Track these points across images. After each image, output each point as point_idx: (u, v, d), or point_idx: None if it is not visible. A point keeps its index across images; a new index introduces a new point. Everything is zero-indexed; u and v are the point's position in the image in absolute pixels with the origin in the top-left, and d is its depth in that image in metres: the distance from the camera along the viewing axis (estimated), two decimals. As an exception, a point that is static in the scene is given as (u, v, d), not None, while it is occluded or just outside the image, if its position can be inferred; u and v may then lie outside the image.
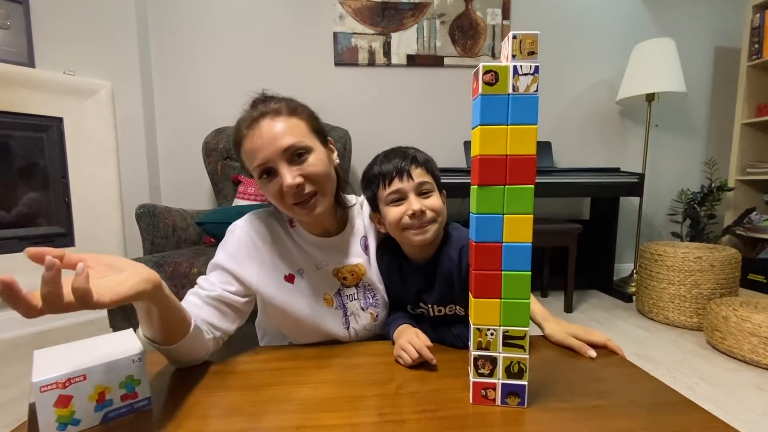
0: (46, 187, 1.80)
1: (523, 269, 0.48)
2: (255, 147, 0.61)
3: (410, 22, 2.21)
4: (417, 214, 0.64)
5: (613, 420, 0.47)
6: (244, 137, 0.63)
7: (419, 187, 0.66)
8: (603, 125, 2.39)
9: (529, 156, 0.47)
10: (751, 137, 2.26)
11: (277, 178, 0.62)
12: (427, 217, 0.65)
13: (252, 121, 0.62)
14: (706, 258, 1.63)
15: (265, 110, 0.63)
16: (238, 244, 0.68)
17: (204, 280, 0.66)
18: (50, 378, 0.43)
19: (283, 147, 0.61)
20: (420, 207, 0.64)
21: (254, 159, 0.62)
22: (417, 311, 0.74)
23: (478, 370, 0.50)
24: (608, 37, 2.33)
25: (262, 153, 0.61)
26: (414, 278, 0.72)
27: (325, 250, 0.72)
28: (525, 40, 0.45)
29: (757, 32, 2.15)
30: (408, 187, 0.65)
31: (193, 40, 2.13)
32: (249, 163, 0.64)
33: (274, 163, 0.61)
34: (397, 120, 2.27)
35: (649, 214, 2.45)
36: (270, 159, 0.61)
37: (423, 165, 0.67)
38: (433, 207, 0.65)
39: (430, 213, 0.65)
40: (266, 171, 0.62)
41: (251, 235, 0.68)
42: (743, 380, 1.24)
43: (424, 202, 0.65)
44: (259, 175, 0.63)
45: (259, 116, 0.62)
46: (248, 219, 0.71)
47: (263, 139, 0.61)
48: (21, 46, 1.71)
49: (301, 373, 0.60)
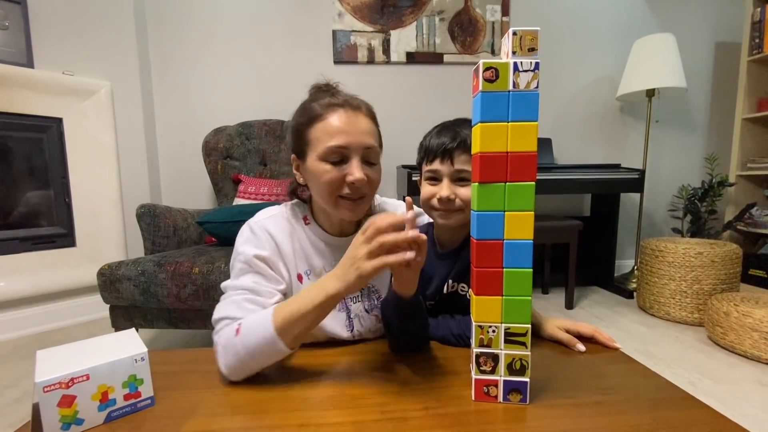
0: (47, 187, 1.80)
1: (524, 266, 0.48)
2: (338, 128, 0.61)
3: (409, 19, 2.21)
4: (444, 200, 0.64)
5: (615, 416, 0.47)
6: (326, 114, 0.62)
7: (457, 173, 0.64)
8: (603, 121, 2.39)
9: (530, 153, 0.47)
10: (751, 132, 2.25)
11: (343, 167, 0.62)
12: (455, 206, 0.64)
13: (337, 105, 0.62)
14: (707, 254, 1.63)
15: (351, 101, 0.63)
16: (264, 239, 0.66)
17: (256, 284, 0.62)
18: (53, 378, 0.43)
19: (366, 144, 0.62)
20: (448, 194, 0.63)
21: (332, 138, 0.61)
22: (429, 303, 0.73)
23: (480, 367, 0.51)
24: (608, 32, 2.32)
25: (344, 137, 0.60)
26: (440, 263, 0.71)
27: (337, 249, 0.71)
28: (525, 37, 0.45)
29: (758, 27, 2.14)
30: (445, 171, 0.65)
31: (192, 39, 2.13)
32: (322, 138, 0.61)
33: (349, 153, 0.61)
34: (397, 118, 2.26)
35: (649, 210, 2.45)
36: (350, 146, 0.61)
37: (470, 151, 0.63)
38: (464, 197, 0.64)
39: (459, 202, 0.64)
40: (338, 155, 0.61)
41: (271, 232, 0.67)
42: (745, 376, 1.24)
43: (458, 190, 0.64)
44: (327, 155, 0.61)
45: (345, 104, 0.62)
46: (264, 216, 0.70)
47: (349, 125, 0.61)
48: (19, 47, 1.71)
49: (304, 371, 0.60)
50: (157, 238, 1.47)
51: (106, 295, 1.22)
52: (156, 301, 1.20)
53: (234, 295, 0.61)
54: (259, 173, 1.95)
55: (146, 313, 1.26)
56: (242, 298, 0.60)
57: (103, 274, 1.20)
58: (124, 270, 1.20)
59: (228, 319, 0.58)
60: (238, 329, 0.55)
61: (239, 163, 1.95)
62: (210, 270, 1.19)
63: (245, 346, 0.53)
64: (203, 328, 1.26)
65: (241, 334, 0.54)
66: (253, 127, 1.99)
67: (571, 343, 0.66)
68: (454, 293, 0.71)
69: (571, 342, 0.66)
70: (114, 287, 1.20)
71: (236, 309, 0.59)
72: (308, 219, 0.72)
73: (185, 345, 1.58)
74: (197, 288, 1.18)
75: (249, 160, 1.97)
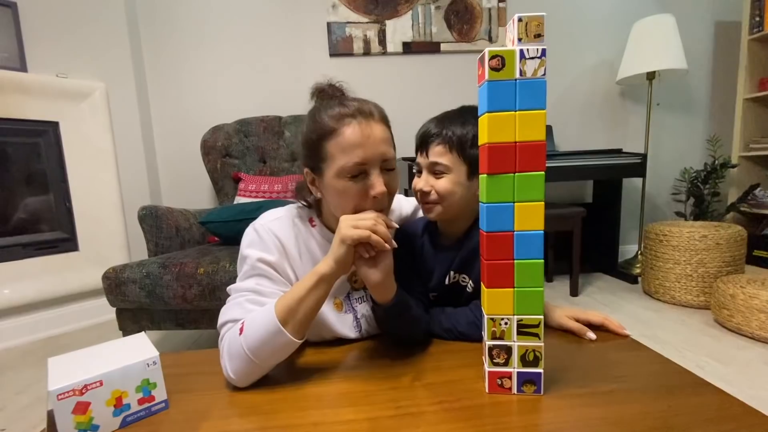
0: (47, 192, 1.79)
1: (535, 257, 0.48)
2: (355, 143, 0.58)
3: (404, 8, 2.17)
4: (420, 193, 0.64)
5: (629, 405, 0.47)
6: (340, 129, 0.59)
7: (432, 166, 0.63)
8: (603, 106, 2.36)
9: (539, 142, 0.46)
10: (753, 112, 2.23)
11: (365, 181, 0.60)
12: (430, 198, 0.64)
13: (350, 115, 0.59)
14: (711, 236, 1.62)
15: (363, 108, 0.61)
16: (270, 242, 0.65)
17: (260, 286, 0.62)
18: (67, 386, 0.43)
19: (383, 155, 0.60)
20: (422, 187, 0.64)
21: (350, 155, 0.58)
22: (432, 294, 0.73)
23: (493, 359, 0.50)
24: (606, 15, 2.29)
25: (362, 152, 0.58)
26: (442, 255, 0.70)
27: None
28: (531, 23, 0.44)
29: (758, 5, 2.11)
30: (423, 163, 0.64)
31: (185, 36, 2.10)
32: (338, 155, 0.59)
33: (369, 166, 0.59)
34: (396, 109, 2.21)
35: (652, 195, 2.43)
36: (369, 161, 0.59)
37: (446, 143, 0.62)
38: (438, 190, 0.63)
39: (434, 195, 0.63)
40: (358, 171, 0.59)
41: (277, 234, 0.66)
42: (752, 357, 1.25)
43: (433, 182, 0.63)
44: (346, 173, 0.59)
45: (357, 113, 0.60)
46: (270, 218, 0.68)
47: (364, 138, 0.58)
48: (12, 51, 1.69)
49: (315, 369, 0.60)
50: (160, 239, 1.46)
51: (112, 298, 1.21)
52: (162, 302, 1.20)
53: (238, 297, 0.61)
54: (259, 170, 1.94)
55: (153, 315, 1.26)
56: (245, 300, 0.60)
57: (108, 277, 1.20)
58: (129, 273, 1.19)
59: (231, 322, 0.58)
60: (242, 328, 0.55)
61: (238, 161, 1.94)
62: (215, 270, 1.18)
63: (250, 342, 0.53)
64: (211, 327, 1.26)
65: (245, 332, 0.54)
66: (250, 124, 1.98)
67: (582, 332, 0.66)
68: (455, 284, 0.71)
69: (581, 331, 0.66)
70: (119, 290, 1.19)
71: (239, 311, 0.59)
72: (314, 221, 0.71)
73: (193, 345, 1.58)
74: (203, 288, 1.18)
75: (248, 158, 1.95)
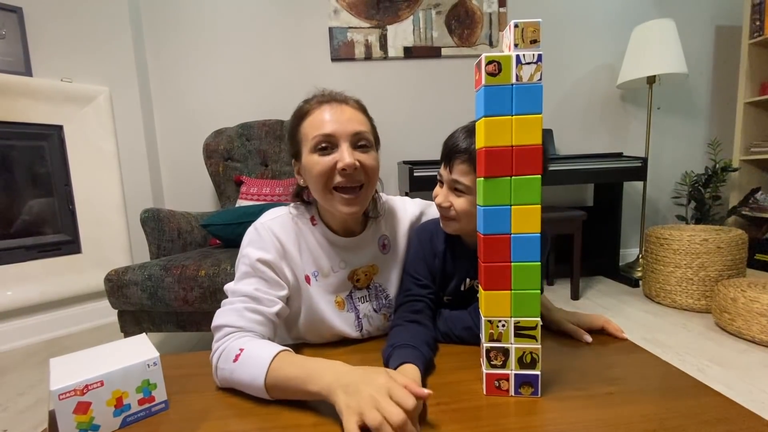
0: (50, 195, 1.80)
1: (532, 260, 0.48)
2: (324, 119, 0.62)
3: (405, 13, 2.19)
4: (440, 207, 0.66)
5: (626, 407, 0.47)
6: (312, 110, 0.64)
7: (453, 183, 0.63)
8: (604, 110, 2.37)
9: (535, 146, 0.46)
10: (754, 116, 2.23)
11: (333, 155, 0.61)
12: (449, 214, 0.65)
13: (324, 101, 0.64)
14: (712, 240, 1.62)
15: (337, 96, 0.65)
16: (269, 241, 0.65)
17: (258, 291, 0.62)
18: (68, 386, 0.44)
19: (352, 130, 0.62)
20: (441, 201, 0.65)
21: (319, 128, 0.61)
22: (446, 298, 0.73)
23: (491, 361, 0.51)
24: (607, 19, 2.30)
25: (330, 125, 0.61)
26: (461, 261, 0.71)
27: (345, 250, 0.70)
28: (527, 29, 0.45)
29: (758, 9, 2.12)
30: (445, 177, 0.65)
31: (189, 41, 2.12)
32: (310, 132, 0.62)
33: (337, 140, 0.61)
34: (397, 113, 2.25)
35: (653, 198, 2.44)
36: (336, 133, 0.61)
37: (471, 162, 0.59)
38: (457, 208, 0.64)
39: (453, 212, 0.64)
40: (326, 143, 0.61)
41: (276, 233, 0.66)
42: (753, 361, 1.24)
43: (453, 199, 0.64)
44: (315, 146, 0.61)
45: (331, 99, 0.64)
46: (271, 217, 0.69)
47: (335, 115, 0.62)
48: (17, 55, 1.71)
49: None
50: (162, 242, 1.47)
51: (114, 300, 1.22)
52: (164, 305, 1.20)
53: (236, 302, 0.61)
54: (261, 174, 1.95)
55: (154, 317, 1.27)
56: (243, 307, 0.60)
57: (110, 279, 1.21)
58: (131, 275, 1.20)
59: (228, 327, 0.59)
60: (238, 356, 0.54)
61: (240, 164, 1.95)
62: (216, 272, 1.19)
63: (236, 377, 0.54)
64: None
65: (238, 364, 0.54)
66: (252, 127, 1.99)
67: (578, 334, 0.66)
68: (470, 290, 0.71)
69: (577, 334, 0.66)
70: (121, 292, 1.20)
71: (237, 317, 0.59)
72: (315, 219, 0.71)
73: (194, 347, 1.59)
74: (204, 291, 1.18)
75: (250, 161, 1.97)
